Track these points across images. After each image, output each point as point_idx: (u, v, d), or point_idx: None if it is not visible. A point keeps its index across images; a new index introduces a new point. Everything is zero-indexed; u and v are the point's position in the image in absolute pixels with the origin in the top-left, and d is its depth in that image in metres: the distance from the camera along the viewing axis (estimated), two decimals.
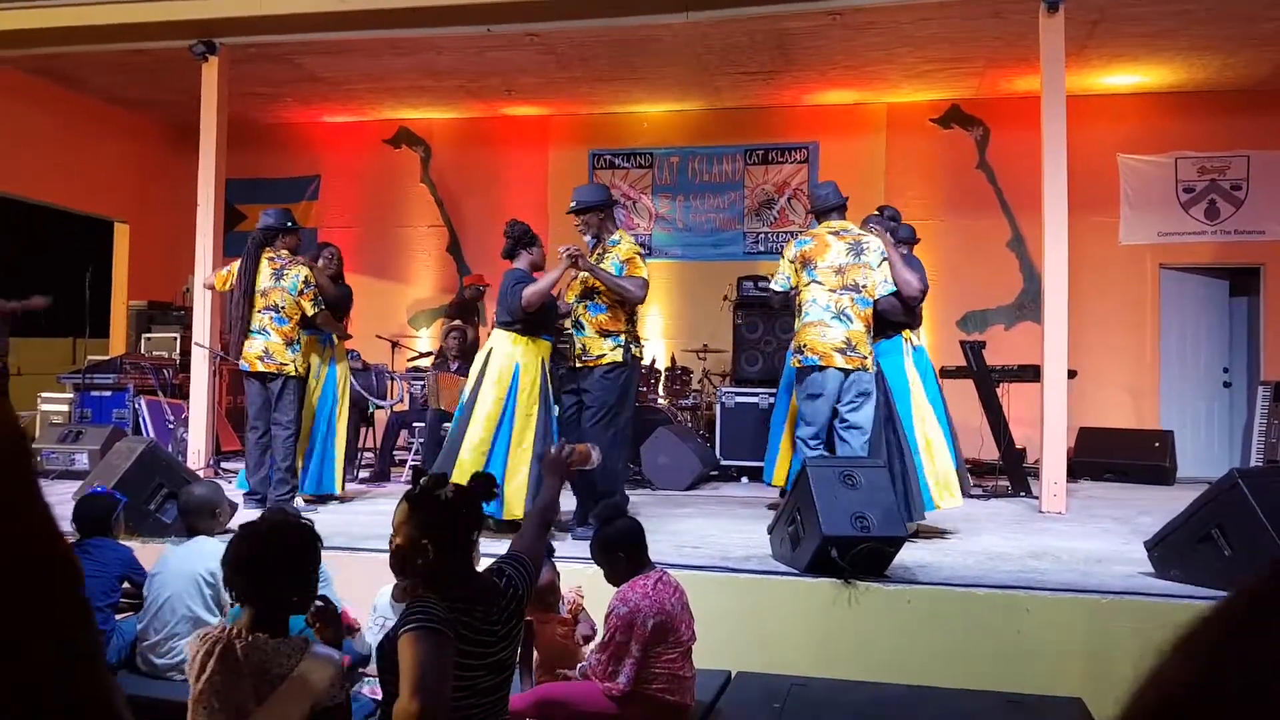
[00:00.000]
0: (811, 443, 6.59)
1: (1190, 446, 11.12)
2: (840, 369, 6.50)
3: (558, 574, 4.45)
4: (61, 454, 9.26)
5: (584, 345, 6.87)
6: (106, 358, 11.35)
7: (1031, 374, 8.85)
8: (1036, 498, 8.39)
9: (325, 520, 6.75)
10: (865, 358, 6.56)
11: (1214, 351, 11.68)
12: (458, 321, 10.71)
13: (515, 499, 6.53)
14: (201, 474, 8.43)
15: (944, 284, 11.72)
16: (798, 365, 6.69)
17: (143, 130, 13.25)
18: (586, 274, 6.83)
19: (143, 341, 12.12)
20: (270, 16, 9.33)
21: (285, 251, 7.96)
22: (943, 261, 11.77)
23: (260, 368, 7.69)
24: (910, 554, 5.87)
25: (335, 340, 8.33)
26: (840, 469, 5.69)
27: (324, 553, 3.29)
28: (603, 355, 6.79)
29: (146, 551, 5.59)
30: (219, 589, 4.55)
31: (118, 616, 5.11)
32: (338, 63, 11.02)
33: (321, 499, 8.19)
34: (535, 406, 6.68)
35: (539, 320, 6.80)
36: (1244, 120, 11.21)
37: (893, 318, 6.84)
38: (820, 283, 6.62)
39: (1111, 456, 10.44)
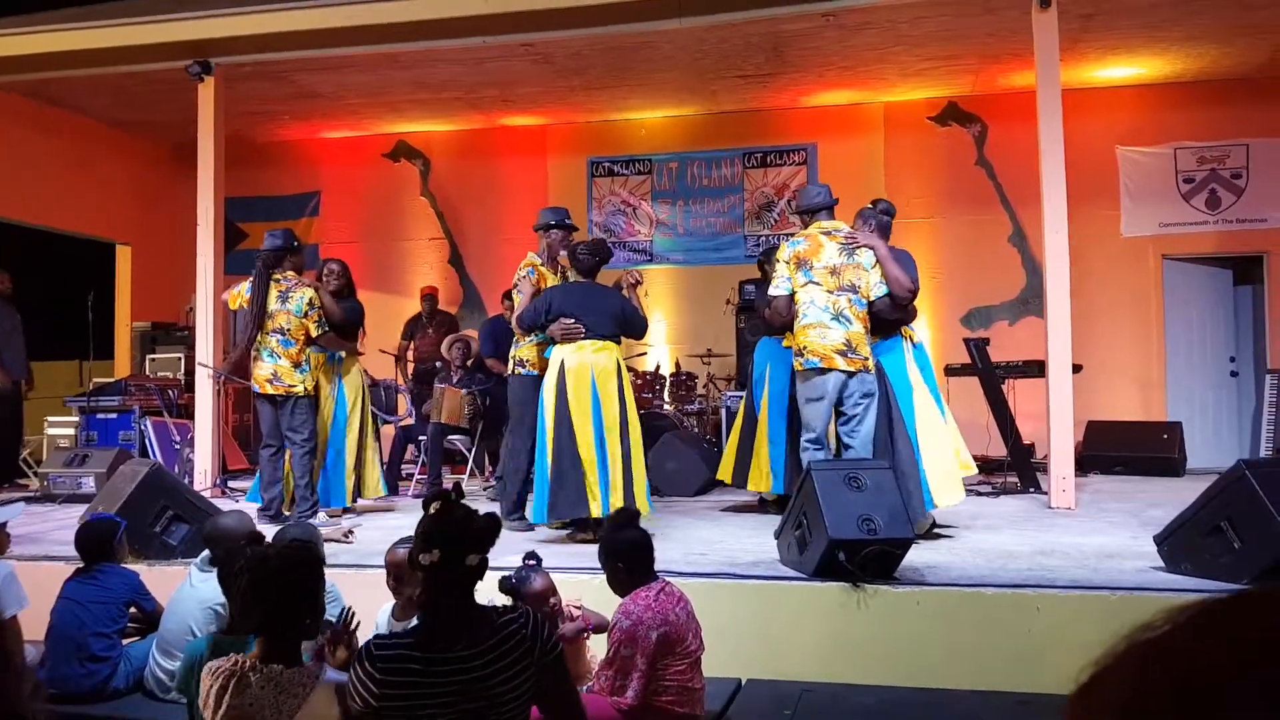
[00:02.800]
0: (813, 447, 6.57)
1: (1199, 437, 11.08)
2: (843, 371, 6.48)
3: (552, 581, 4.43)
4: (68, 478, 9.24)
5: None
6: (112, 380, 11.36)
7: (1036, 369, 8.83)
8: (1045, 493, 8.37)
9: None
10: (866, 359, 6.55)
11: (1220, 341, 11.65)
12: (462, 332, 10.71)
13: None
14: (208, 494, 8.44)
15: (947, 281, 11.72)
16: (799, 368, 6.65)
17: (142, 151, 13.27)
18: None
19: (147, 362, 12.12)
20: (265, 35, 9.38)
21: (291, 273, 8.02)
22: (945, 259, 11.77)
23: (270, 390, 7.82)
24: (919, 555, 5.85)
25: (343, 356, 8.32)
26: (845, 471, 5.66)
27: (330, 571, 3.26)
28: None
29: (154, 575, 5.59)
30: None
31: (125, 641, 5.11)
32: (334, 79, 11.03)
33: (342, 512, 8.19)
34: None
35: None
36: (1242, 109, 11.18)
37: (885, 316, 6.78)
38: (818, 283, 6.58)
39: (1120, 450, 10.40)
